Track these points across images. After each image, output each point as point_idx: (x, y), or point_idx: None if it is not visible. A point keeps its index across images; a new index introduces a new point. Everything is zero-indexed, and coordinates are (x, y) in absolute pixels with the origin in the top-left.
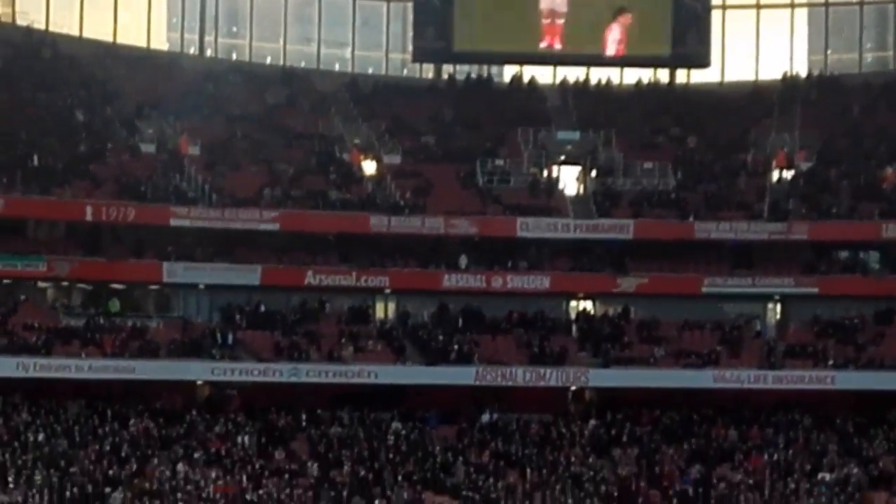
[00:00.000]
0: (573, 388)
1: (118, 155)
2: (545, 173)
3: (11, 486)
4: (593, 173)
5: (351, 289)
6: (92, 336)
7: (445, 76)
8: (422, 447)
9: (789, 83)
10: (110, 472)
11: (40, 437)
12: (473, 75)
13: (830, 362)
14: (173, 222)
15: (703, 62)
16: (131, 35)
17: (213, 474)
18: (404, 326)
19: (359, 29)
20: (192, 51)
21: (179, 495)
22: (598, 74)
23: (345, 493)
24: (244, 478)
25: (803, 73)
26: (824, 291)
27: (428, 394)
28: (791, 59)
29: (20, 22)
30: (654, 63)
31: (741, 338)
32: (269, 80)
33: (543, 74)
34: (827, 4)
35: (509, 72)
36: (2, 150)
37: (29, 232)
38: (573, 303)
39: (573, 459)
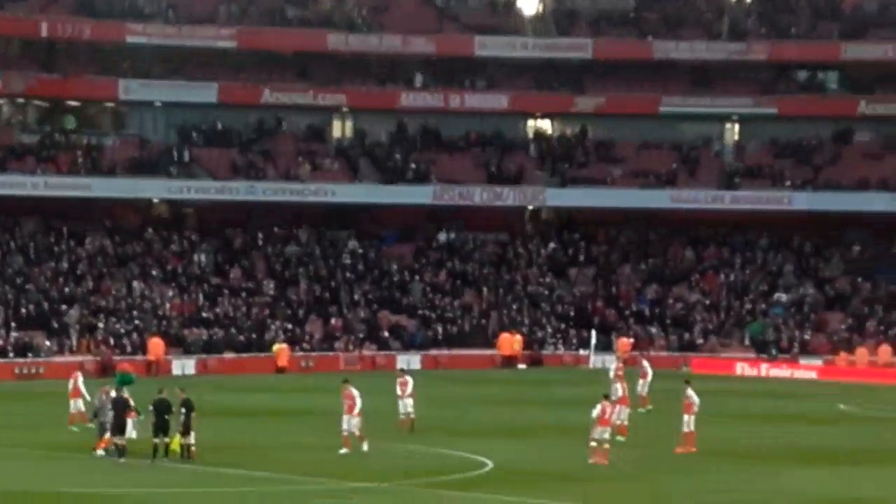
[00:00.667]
0: (530, 207)
1: None
2: None
3: None
4: None
5: (308, 107)
6: (48, 153)
7: None
8: (378, 266)
9: None
10: (66, 289)
11: None
12: None
13: (788, 183)
14: (129, 39)
15: None
16: None
17: (170, 292)
18: (361, 145)
19: None
20: None
21: (135, 313)
22: None
23: (301, 312)
24: (200, 296)
25: None
26: (783, 112)
27: (385, 213)
28: None
29: None
30: None
31: (699, 158)
32: None
33: None
34: None
35: None
36: None
37: None
38: (531, 122)
39: (530, 279)
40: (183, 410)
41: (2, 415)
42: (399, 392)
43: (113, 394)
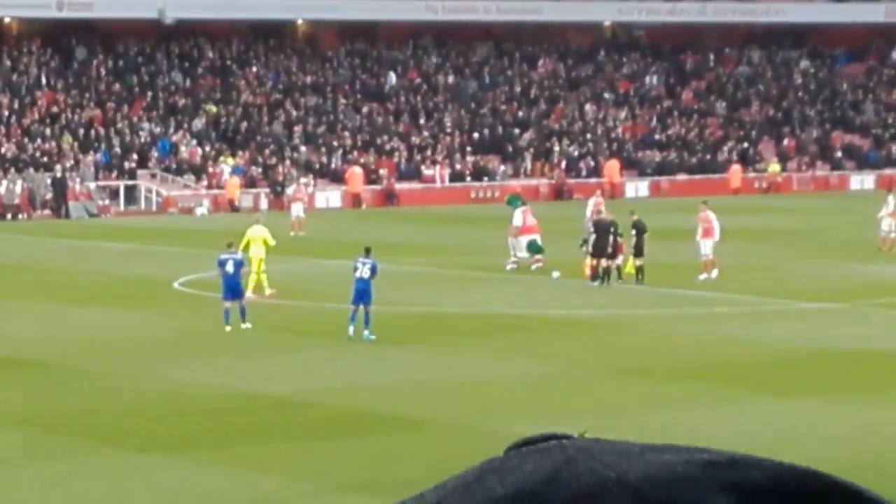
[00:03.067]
0: None
1: None
2: None
3: (423, 129)
4: None
5: None
6: None
7: None
8: (830, 85)
9: None
10: (520, 113)
11: (450, 79)
12: None
13: None
14: None
15: None
16: None
17: (622, 115)
18: None
19: None
20: None
21: (588, 136)
22: None
23: (752, 133)
24: (652, 118)
25: None
26: None
27: (836, 32)
28: None
29: None
30: None
31: None
32: None
33: None
34: None
35: None
36: None
37: None
38: None
39: None
40: (634, 232)
41: (463, 239)
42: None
43: (601, 215)
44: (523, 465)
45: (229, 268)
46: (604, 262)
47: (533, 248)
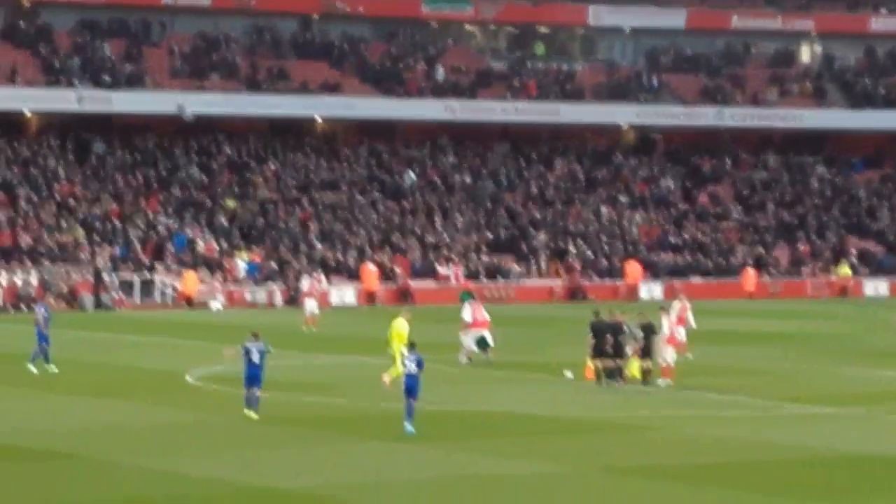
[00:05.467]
0: None
1: None
2: None
3: (439, 227)
4: None
5: (776, 32)
6: (518, 79)
7: None
8: (846, 192)
9: None
10: (536, 214)
11: (467, 178)
12: None
13: None
14: None
15: None
16: None
17: (638, 217)
18: (830, 70)
19: None
20: None
21: (604, 237)
22: None
23: (768, 237)
24: (668, 221)
25: None
26: None
27: (853, 138)
28: None
29: None
30: None
31: None
32: None
33: None
34: None
35: None
36: None
37: None
38: None
39: None
40: (641, 335)
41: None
42: None
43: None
44: None
45: (254, 357)
46: (608, 363)
47: (482, 343)
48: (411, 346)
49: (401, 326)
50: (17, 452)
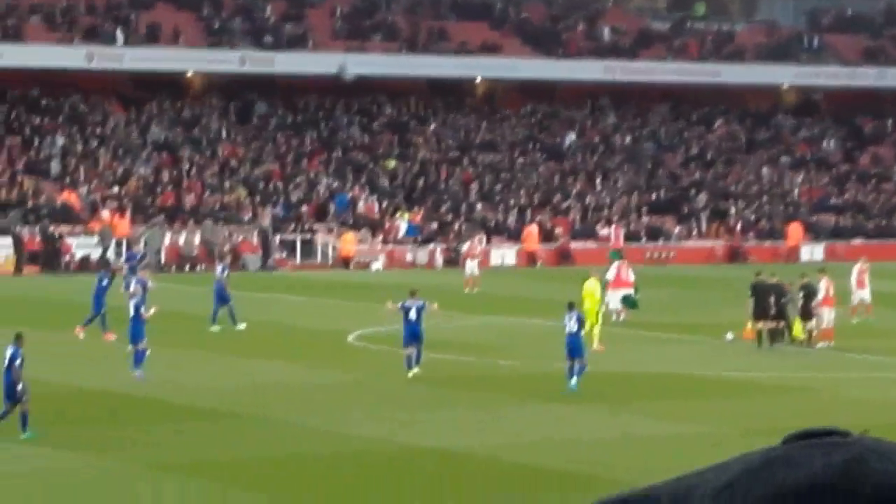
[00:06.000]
0: None
1: None
2: None
3: (599, 188)
4: None
5: None
6: (678, 40)
7: None
8: None
9: None
10: (696, 175)
11: (627, 139)
12: None
13: None
14: None
15: None
16: None
17: (798, 178)
18: None
19: None
20: None
21: (764, 198)
22: None
23: None
24: (829, 182)
25: None
26: None
27: None
28: None
29: None
30: None
31: None
32: None
33: None
34: None
35: None
36: None
37: None
38: None
39: None
40: (802, 294)
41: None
42: None
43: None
44: (812, 460)
45: (412, 315)
46: (769, 325)
47: (627, 301)
48: (570, 306)
49: (592, 287)
50: (183, 411)
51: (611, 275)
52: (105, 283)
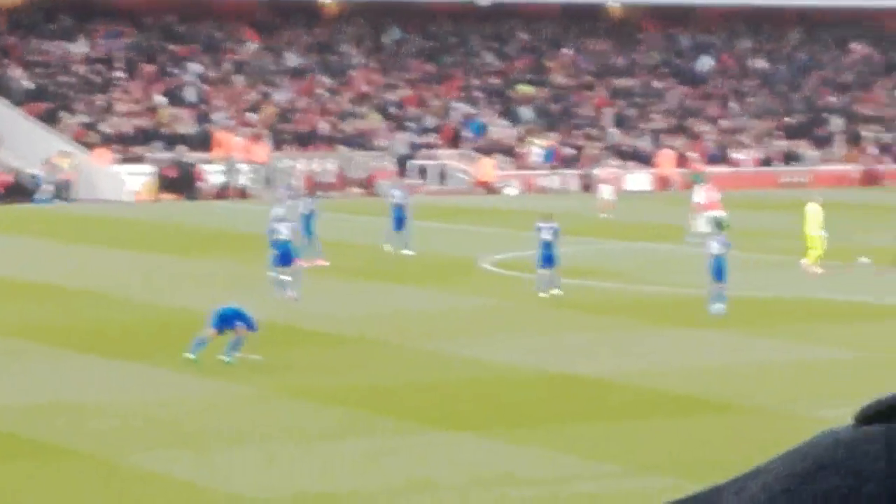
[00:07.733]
0: None
1: None
2: None
3: (734, 112)
4: None
5: None
6: None
7: None
8: None
9: None
10: (831, 98)
11: (762, 63)
12: None
13: None
14: None
15: None
16: None
17: None
18: None
19: None
20: None
21: None
22: None
23: None
24: None
25: None
26: None
27: None
28: None
29: None
30: None
31: None
32: None
33: None
34: None
35: None
36: None
37: None
38: None
39: None
40: None
41: (770, 223)
42: None
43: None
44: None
45: (546, 236)
46: None
47: (718, 223)
48: (719, 225)
49: (813, 211)
50: (307, 336)
51: (700, 197)
52: (308, 213)
